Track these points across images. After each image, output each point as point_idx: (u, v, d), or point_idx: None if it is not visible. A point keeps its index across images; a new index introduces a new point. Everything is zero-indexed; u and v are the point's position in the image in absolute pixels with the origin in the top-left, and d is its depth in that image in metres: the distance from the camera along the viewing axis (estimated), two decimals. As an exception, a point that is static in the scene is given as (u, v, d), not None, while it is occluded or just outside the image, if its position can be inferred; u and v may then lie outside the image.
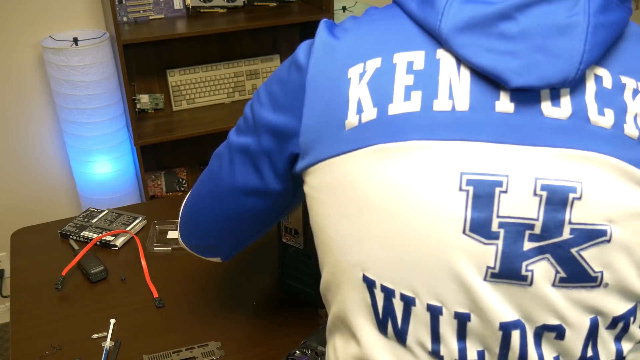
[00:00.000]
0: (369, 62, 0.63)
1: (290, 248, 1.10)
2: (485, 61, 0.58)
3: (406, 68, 0.61)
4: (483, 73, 0.58)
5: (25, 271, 1.23)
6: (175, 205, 1.49)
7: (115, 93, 2.11)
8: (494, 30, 0.58)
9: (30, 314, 1.10)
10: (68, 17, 2.16)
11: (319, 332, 1.01)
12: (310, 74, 0.66)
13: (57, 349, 1.02)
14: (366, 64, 0.63)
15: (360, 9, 2.54)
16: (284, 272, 1.14)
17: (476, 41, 0.58)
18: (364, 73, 0.63)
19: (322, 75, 0.65)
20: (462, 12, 0.59)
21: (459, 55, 0.59)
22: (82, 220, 1.37)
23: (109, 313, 1.10)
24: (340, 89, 0.63)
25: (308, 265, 1.09)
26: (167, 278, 1.20)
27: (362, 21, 0.68)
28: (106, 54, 2.04)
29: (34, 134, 2.28)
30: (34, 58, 2.17)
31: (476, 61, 0.58)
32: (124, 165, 2.22)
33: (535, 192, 0.57)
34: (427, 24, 0.61)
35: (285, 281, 1.14)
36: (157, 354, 1.00)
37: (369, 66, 0.63)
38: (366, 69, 0.63)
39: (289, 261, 1.12)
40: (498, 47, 0.58)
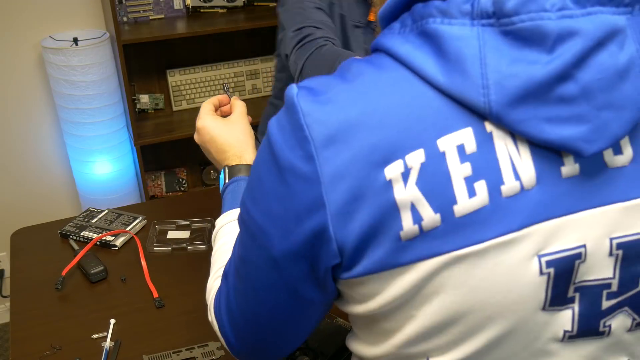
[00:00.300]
0: (408, 157, 0.52)
1: None
2: (550, 135, 0.50)
3: (458, 155, 0.51)
4: (549, 146, 0.52)
5: (25, 271, 1.23)
6: (175, 205, 1.49)
7: (115, 93, 2.11)
8: (552, 96, 0.50)
9: (30, 314, 1.10)
10: (68, 17, 2.16)
11: (319, 332, 1.01)
12: (326, 184, 0.53)
13: (57, 349, 1.02)
14: (406, 160, 0.52)
15: (360, 9, 2.53)
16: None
17: (534, 113, 0.50)
18: (407, 172, 0.51)
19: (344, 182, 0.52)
20: (509, 80, 0.50)
21: (517, 132, 0.51)
22: (82, 220, 1.37)
23: (109, 313, 1.10)
24: (382, 196, 0.52)
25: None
26: (167, 278, 1.20)
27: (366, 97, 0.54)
28: (106, 54, 2.04)
29: (34, 134, 2.28)
30: (34, 58, 2.17)
31: (540, 136, 0.51)
32: (124, 165, 2.22)
33: (611, 252, 0.54)
34: (466, 98, 0.51)
35: None
36: (157, 354, 1.00)
37: (410, 162, 0.51)
38: (408, 166, 0.51)
39: None
40: (560, 114, 0.50)
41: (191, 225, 1.37)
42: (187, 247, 1.29)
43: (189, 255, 1.27)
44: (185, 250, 1.29)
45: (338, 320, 1.04)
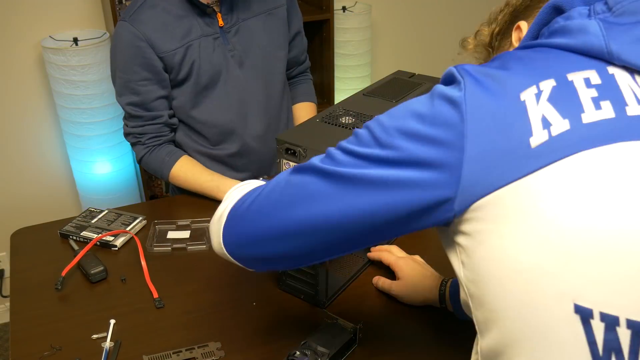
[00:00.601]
0: (541, 83, 0.62)
1: None
2: None
3: (584, 84, 0.61)
4: None
5: (25, 271, 1.23)
6: (175, 205, 1.49)
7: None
8: None
9: (30, 314, 1.10)
10: (68, 17, 2.16)
11: (319, 332, 1.01)
12: (468, 107, 0.61)
13: (57, 349, 1.02)
14: (539, 85, 0.61)
15: (360, 9, 2.54)
16: (285, 272, 1.14)
17: None
18: (540, 93, 0.61)
19: (484, 107, 0.61)
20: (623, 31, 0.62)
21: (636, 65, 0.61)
22: (82, 220, 1.37)
23: (109, 313, 1.10)
24: (515, 112, 0.60)
25: (309, 266, 1.09)
26: (167, 278, 1.20)
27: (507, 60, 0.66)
28: (106, 54, 2.03)
29: (34, 134, 2.28)
30: (34, 58, 2.17)
31: None
32: (124, 165, 2.22)
33: None
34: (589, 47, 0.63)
35: (285, 281, 1.14)
36: (157, 355, 1.00)
37: (543, 86, 0.61)
38: (541, 89, 0.61)
39: None
40: None
41: (191, 225, 1.37)
42: (187, 247, 1.29)
43: (189, 255, 1.27)
44: (185, 250, 1.29)
45: (338, 320, 1.04)
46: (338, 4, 2.48)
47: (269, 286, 1.17)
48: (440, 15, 2.93)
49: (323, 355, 0.96)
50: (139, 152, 1.51)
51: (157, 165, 1.50)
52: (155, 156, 1.49)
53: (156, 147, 1.50)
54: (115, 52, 1.44)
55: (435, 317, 1.09)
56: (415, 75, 1.35)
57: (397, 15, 2.83)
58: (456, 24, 2.99)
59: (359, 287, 1.17)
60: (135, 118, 1.47)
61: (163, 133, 1.50)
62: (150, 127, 1.48)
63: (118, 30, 1.42)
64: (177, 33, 1.42)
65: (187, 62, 1.44)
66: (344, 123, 1.07)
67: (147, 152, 1.50)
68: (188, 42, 1.43)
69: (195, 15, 1.44)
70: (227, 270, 1.22)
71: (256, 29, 1.52)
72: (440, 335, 1.05)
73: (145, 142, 1.49)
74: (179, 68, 1.44)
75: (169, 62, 1.43)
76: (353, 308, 1.11)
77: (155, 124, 1.48)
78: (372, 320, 1.08)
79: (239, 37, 1.50)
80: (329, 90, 2.47)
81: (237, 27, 1.49)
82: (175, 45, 1.42)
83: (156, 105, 1.46)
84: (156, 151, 1.49)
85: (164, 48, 1.41)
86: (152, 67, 1.42)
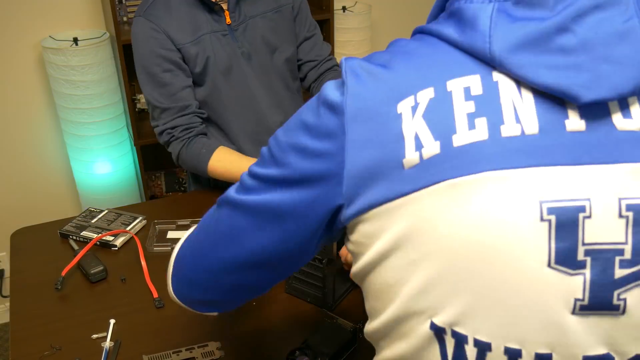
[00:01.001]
0: (419, 93, 0.58)
1: None
2: (549, 79, 0.54)
3: (464, 94, 0.57)
4: (548, 92, 0.55)
5: (25, 271, 1.23)
6: (175, 205, 1.49)
7: (115, 93, 2.11)
8: (552, 46, 0.54)
9: (30, 314, 1.10)
10: (68, 17, 2.16)
11: (319, 332, 1.01)
12: (349, 114, 0.59)
13: (57, 349, 1.02)
14: (417, 95, 0.58)
15: (360, 9, 2.54)
16: (292, 275, 1.13)
17: (534, 59, 0.54)
18: (416, 106, 0.57)
19: (363, 113, 0.59)
20: (512, 31, 0.55)
21: (518, 76, 0.55)
22: (82, 220, 1.37)
23: (109, 313, 1.10)
24: (391, 126, 0.58)
25: (316, 269, 1.09)
26: (167, 278, 1.20)
27: (396, 53, 0.62)
28: (106, 54, 2.04)
29: (34, 134, 2.28)
30: (34, 58, 2.17)
31: (539, 81, 0.54)
32: (124, 165, 2.22)
33: (621, 213, 0.53)
34: (474, 47, 0.57)
35: (292, 284, 1.14)
36: (157, 354, 1.00)
37: (420, 98, 0.57)
38: (418, 101, 0.57)
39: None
40: (559, 62, 0.54)
41: (191, 225, 1.37)
42: (187, 247, 1.29)
43: (189, 255, 1.27)
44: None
45: (338, 320, 1.04)
46: (338, 4, 2.48)
47: (269, 286, 1.17)
48: (440, 15, 2.93)
49: (323, 355, 0.96)
50: (175, 149, 1.49)
51: (195, 160, 1.47)
52: (191, 151, 1.47)
53: (191, 139, 1.48)
54: (136, 48, 1.46)
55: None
56: None
57: (397, 15, 2.83)
58: (456, 24, 2.99)
59: (358, 287, 1.17)
60: (164, 112, 1.46)
61: (194, 124, 1.48)
62: (181, 118, 1.47)
63: (135, 27, 1.44)
64: (188, 28, 1.44)
65: (201, 56, 1.46)
66: None
67: (183, 146, 1.47)
68: (199, 36, 1.45)
69: (204, 11, 1.46)
70: (227, 270, 1.22)
71: (263, 27, 1.54)
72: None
73: (178, 136, 1.47)
74: (195, 61, 1.45)
75: (186, 53, 1.45)
76: (353, 308, 1.11)
77: (186, 114, 1.47)
78: (372, 320, 1.08)
79: (246, 35, 1.51)
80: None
81: (245, 24, 1.51)
82: (189, 38, 1.44)
83: (184, 96, 1.46)
84: (191, 145, 1.47)
85: (180, 40, 1.43)
86: (172, 58, 1.43)
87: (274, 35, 1.55)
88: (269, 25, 1.54)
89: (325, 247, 1.05)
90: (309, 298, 1.13)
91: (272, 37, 1.55)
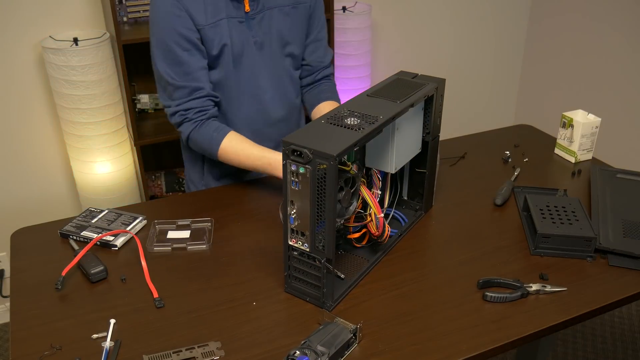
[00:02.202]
0: None
1: (296, 250, 1.10)
2: None
3: None
4: None
5: (25, 271, 1.23)
6: (175, 205, 1.49)
7: (115, 93, 2.11)
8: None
9: (30, 314, 1.10)
10: (68, 17, 2.16)
11: (319, 332, 1.01)
12: None
13: (57, 349, 1.02)
14: None
15: (360, 9, 2.53)
16: (290, 274, 1.14)
17: None
18: None
19: None
20: None
21: None
22: (82, 220, 1.37)
23: (109, 313, 1.10)
24: None
25: (314, 268, 1.09)
26: (167, 278, 1.20)
27: None
28: (106, 54, 2.04)
29: (34, 134, 2.28)
30: (34, 58, 2.17)
31: None
32: (124, 165, 2.22)
33: None
34: None
35: (291, 284, 1.14)
36: (157, 354, 1.00)
37: None
38: None
39: (295, 263, 1.12)
40: None
41: (191, 225, 1.37)
42: (187, 247, 1.29)
43: (189, 255, 1.27)
44: (185, 250, 1.29)
45: (338, 320, 1.04)
46: (338, 4, 2.48)
47: (270, 286, 1.17)
48: (440, 16, 2.93)
49: (323, 355, 0.96)
50: (186, 130, 1.50)
51: (206, 142, 1.49)
52: (203, 133, 1.48)
53: (203, 121, 1.49)
54: (155, 22, 1.44)
55: (435, 317, 1.09)
56: (418, 75, 1.35)
57: (397, 15, 2.83)
58: (456, 24, 2.99)
59: (358, 287, 1.17)
60: (178, 90, 1.46)
61: (207, 107, 1.49)
62: (195, 101, 1.47)
63: (157, 2, 1.43)
64: (209, 9, 1.44)
65: (218, 41, 1.46)
66: (349, 124, 1.08)
67: (195, 128, 1.48)
68: (217, 20, 1.45)
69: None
70: (227, 270, 1.22)
71: (278, 20, 1.55)
72: (440, 335, 1.05)
73: (192, 118, 1.48)
74: (212, 44, 1.46)
75: (204, 35, 1.45)
76: (353, 308, 1.12)
77: (200, 97, 1.47)
78: (372, 320, 1.08)
79: (261, 25, 1.52)
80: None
81: (262, 14, 1.52)
82: (208, 20, 1.44)
83: (199, 76, 1.47)
84: (203, 127, 1.48)
85: (200, 21, 1.43)
86: (191, 38, 1.43)
87: (288, 30, 1.57)
88: (284, 20, 1.56)
89: (326, 247, 1.05)
90: (308, 297, 1.13)
91: (286, 31, 1.56)
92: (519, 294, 1.13)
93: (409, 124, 1.26)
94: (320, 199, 1.01)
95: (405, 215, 1.40)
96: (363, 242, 1.27)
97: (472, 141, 1.83)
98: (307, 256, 1.09)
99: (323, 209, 1.02)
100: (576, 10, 2.85)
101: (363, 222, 1.21)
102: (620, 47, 2.67)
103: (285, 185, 1.04)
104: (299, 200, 1.04)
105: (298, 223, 1.06)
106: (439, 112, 1.36)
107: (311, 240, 1.06)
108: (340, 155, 0.97)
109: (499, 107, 3.34)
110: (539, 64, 3.15)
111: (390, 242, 1.30)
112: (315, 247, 1.06)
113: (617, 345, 2.33)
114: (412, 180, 1.42)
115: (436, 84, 1.30)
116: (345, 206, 1.14)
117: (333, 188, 0.99)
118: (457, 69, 3.10)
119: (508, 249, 1.29)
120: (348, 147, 1.00)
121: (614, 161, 2.08)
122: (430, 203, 1.46)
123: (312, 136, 1.03)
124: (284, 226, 1.08)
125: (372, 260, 1.24)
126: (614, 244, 1.26)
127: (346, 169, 1.11)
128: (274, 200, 1.48)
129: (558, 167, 1.67)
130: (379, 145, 1.22)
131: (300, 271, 1.12)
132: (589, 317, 1.12)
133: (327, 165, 0.97)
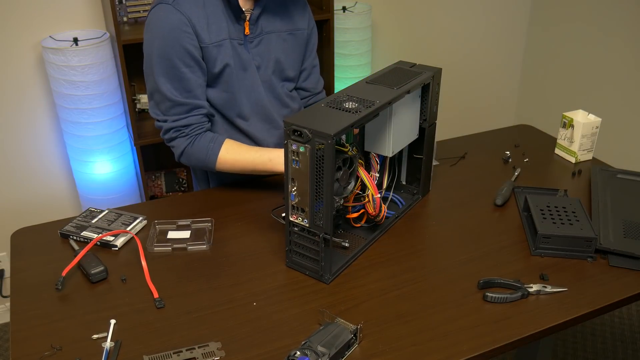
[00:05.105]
0: None
1: (297, 226, 1.15)
2: None
3: None
4: None
5: (25, 271, 1.23)
6: (175, 205, 1.49)
7: (115, 93, 2.11)
8: None
9: (30, 314, 1.10)
10: (68, 17, 2.16)
11: (319, 332, 1.01)
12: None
13: (57, 349, 1.02)
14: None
15: (360, 9, 2.53)
16: (291, 249, 1.19)
17: None
18: None
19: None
20: None
21: None
22: (82, 220, 1.37)
23: (109, 313, 1.10)
24: None
25: (313, 242, 1.14)
26: (167, 278, 1.20)
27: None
28: (106, 54, 2.04)
29: (34, 134, 2.28)
30: (34, 58, 2.17)
31: None
32: (124, 165, 2.22)
33: None
34: None
35: (292, 258, 1.20)
36: (157, 355, 1.00)
37: None
38: None
39: (296, 238, 1.17)
40: None
41: (191, 225, 1.37)
42: (187, 247, 1.29)
43: (189, 255, 1.27)
44: (185, 250, 1.29)
45: (338, 320, 1.04)
46: (338, 4, 2.48)
47: (270, 286, 1.17)
48: (440, 16, 2.93)
49: (323, 355, 0.96)
50: (180, 145, 1.48)
51: (202, 154, 1.47)
52: (198, 146, 1.47)
53: (198, 136, 1.48)
54: (157, 34, 1.40)
55: (436, 317, 1.09)
56: (416, 65, 1.41)
57: (397, 15, 2.83)
58: (456, 25, 2.99)
59: (359, 287, 1.17)
60: (176, 106, 1.45)
61: (204, 123, 1.49)
62: (194, 117, 1.47)
63: (160, 14, 1.39)
64: (212, 29, 1.44)
65: (220, 60, 1.46)
66: (347, 108, 1.14)
67: (190, 143, 1.47)
68: (221, 40, 1.45)
69: (230, 17, 1.46)
70: (227, 270, 1.22)
71: (276, 45, 1.55)
72: (440, 335, 1.05)
73: (188, 134, 1.47)
74: (214, 63, 1.45)
75: (207, 53, 1.44)
76: (353, 308, 1.12)
77: (198, 114, 1.47)
78: (372, 320, 1.08)
79: (259, 49, 1.53)
80: (329, 91, 2.46)
81: (260, 38, 1.52)
82: (212, 39, 1.44)
83: (198, 94, 1.46)
84: (198, 141, 1.48)
85: (205, 39, 1.43)
86: (195, 55, 1.42)
87: (284, 56, 1.57)
88: (281, 45, 1.56)
89: (324, 222, 1.10)
90: (307, 271, 1.19)
91: (282, 57, 1.57)
92: (519, 294, 1.13)
93: (406, 110, 1.32)
94: (319, 176, 1.07)
95: (403, 199, 1.47)
96: (362, 222, 1.33)
97: (473, 141, 1.83)
98: (307, 231, 1.15)
99: (321, 186, 1.08)
100: (577, 10, 2.85)
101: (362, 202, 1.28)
102: (620, 48, 2.67)
103: (287, 164, 1.10)
104: (299, 178, 1.10)
105: (298, 200, 1.12)
106: (435, 100, 1.41)
107: (310, 216, 1.12)
108: (337, 135, 1.04)
109: (499, 107, 3.34)
110: (540, 64, 3.15)
111: (387, 222, 1.36)
112: (315, 223, 1.12)
113: (617, 345, 2.33)
114: (410, 165, 1.49)
115: (433, 73, 1.36)
116: (343, 185, 1.20)
117: (331, 166, 1.05)
118: (458, 68, 3.10)
119: (508, 249, 1.29)
120: (345, 127, 1.06)
121: (614, 161, 2.08)
122: (428, 188, 1.52)
123: (311, 118, 1.09)
124: (285, 203, 1.14)
125: (369, 238, 1.30)
126: (614, 245, 1.26)
127: (344, 150, 1.17)
128: (274, 200, 1.48)
129: (558, 168, 1.67)
130: (377, 129, 1.29)
131: (300, 246, 1.18)
132: (589, 317, 1.12)
133: (325, 144, 1.03)
